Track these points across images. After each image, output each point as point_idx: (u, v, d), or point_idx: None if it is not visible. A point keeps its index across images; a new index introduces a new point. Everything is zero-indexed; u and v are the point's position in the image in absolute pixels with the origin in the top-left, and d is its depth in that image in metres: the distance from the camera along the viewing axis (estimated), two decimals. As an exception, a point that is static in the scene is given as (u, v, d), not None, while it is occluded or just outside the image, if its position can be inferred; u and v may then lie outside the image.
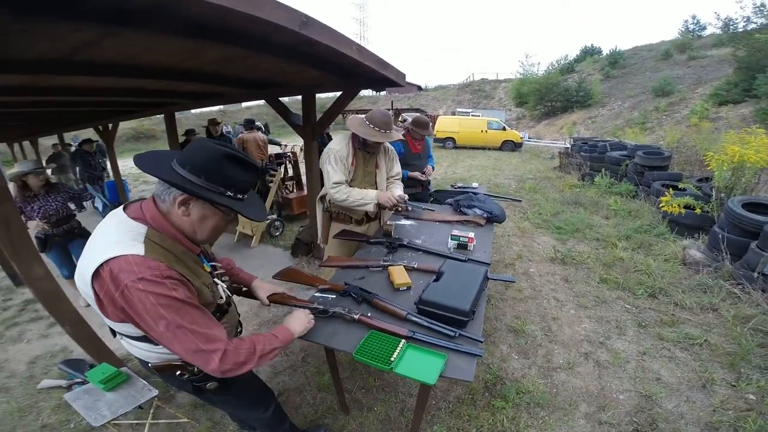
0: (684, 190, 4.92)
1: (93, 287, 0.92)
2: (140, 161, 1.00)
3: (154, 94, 3.81)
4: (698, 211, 4.46)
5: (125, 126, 23.44)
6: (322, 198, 2.57)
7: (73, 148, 9.31)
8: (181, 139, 6.00)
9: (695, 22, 24.12)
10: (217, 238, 1.17)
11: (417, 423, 1.81)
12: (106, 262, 0.89)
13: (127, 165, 14.29)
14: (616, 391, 2.26)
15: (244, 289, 1.55)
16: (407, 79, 3.15)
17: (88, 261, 0.94)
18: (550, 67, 25.74)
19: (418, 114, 3.49)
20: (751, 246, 3.24)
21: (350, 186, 2.33)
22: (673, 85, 16.86)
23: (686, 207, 4.52)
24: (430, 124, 3.42)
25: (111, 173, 7.28)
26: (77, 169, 6.47)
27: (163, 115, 5.97)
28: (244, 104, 32.14)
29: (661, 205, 4.78)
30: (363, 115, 2.29)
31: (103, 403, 1.72)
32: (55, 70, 2.11)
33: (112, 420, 1.65)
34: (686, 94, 15.83)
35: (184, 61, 2.57)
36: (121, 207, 1.04)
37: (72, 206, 7.05)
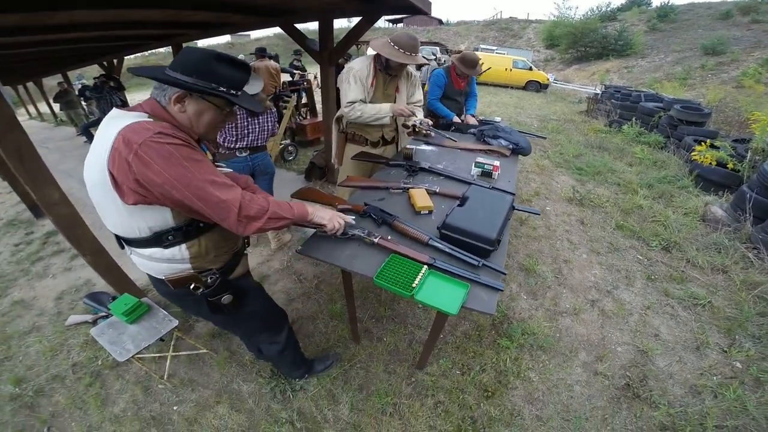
0: (718, 147, 4.66)
1: (108, 168, 0.92)
2: (138, 70, 1.04)
3: (161, 25, 3.58)
4: (731, 166, 4.26)
5: (131, 62, 22.74)
6: (338, 119, 2.49)
7: (78, 86, 9.17)
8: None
9: None
10: (216, 133, 1.17)
11: (426, 355, 1.89)
12: (116, 136, 0.90)
13: (135, 98, 14.13)
14: (615, 342, 2.31)
15: None
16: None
17: (98, 147, 0.94)
18: (590, 13, 23.89)
19: (467, 50, 3.15)
20: (777, 210, 3.10)
21: None
22: (727, 45, 15.53)
23: (718, 162, 4.33)
24: (480, 64, 3.10)
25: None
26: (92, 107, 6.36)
27: (168, 49, 5.73)
28: (253, 35, 30.54)
29: (693, 154, 4.60)
30: (387, 37, 2.14)
31: (126, 336, 1.76)
32: (52, 6, 1.97)
33: (136, 354, 1.71)
34: (740, 55, 14.58)
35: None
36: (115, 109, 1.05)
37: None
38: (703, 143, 4.65)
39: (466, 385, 1.96)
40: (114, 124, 0.95)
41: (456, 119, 3.25)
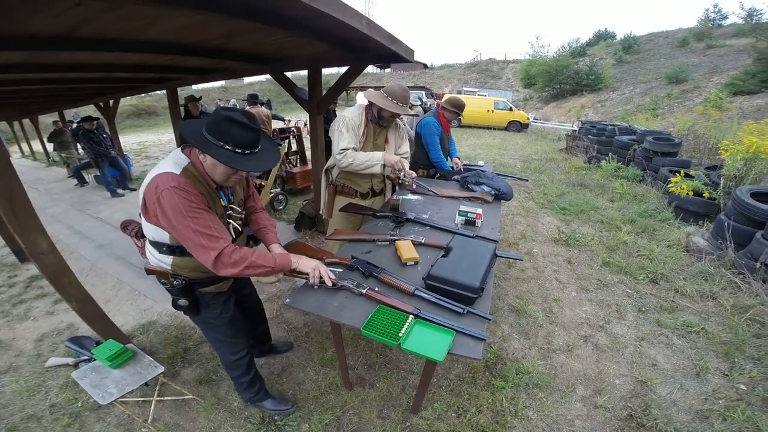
0: (692, 176, 4.87)
1: (144, 195, 1.27)
2: (184, 127, 1.32)
3: (157, 69, 3.73)
4: (706, 195, 4.42)
5: (126, 102, 23.21)
6: (328, 171, 2.55)
7: (74, 125, 9.25)
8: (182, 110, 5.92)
9: (716, 11, 24.20)
10: (232, 183, 1.42)
11: (419, 399, 1.85)
12: (154, 177, 1.25)
13: (128, 140, 14.30)
14: (612, 375, 2.29)
15: None
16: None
17: (148, 177, 1.28)
18: (561, 50, 25.50)
19: (454, 94, 3.31)
20: (756, 236, 3.21)
21: None
22: (688, 73, 16.64)
23: (694, 192, 4.50)
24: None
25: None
26: (80, 146, 6.33)
27: (164, 91, 5.90)
28: (247, 80, 31.59)
29: (669, 186, 4.76)
30: (381, 89, 2.27)
31: (110, 380, 1.73)
32: (56, 47, 2.07)
33: (119, 398, 1.66)
34: (701, 82, 15.62)
35: (188, 36, 2.50)
36: (181, 147, 1.39)
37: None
38: (677, 174, 4.84)
39: (462, 427, 1.90)
40: (165, 162, 1.31)
41: (456, 165, 3.37)
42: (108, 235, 4.50)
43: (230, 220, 1.48)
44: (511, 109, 15.45)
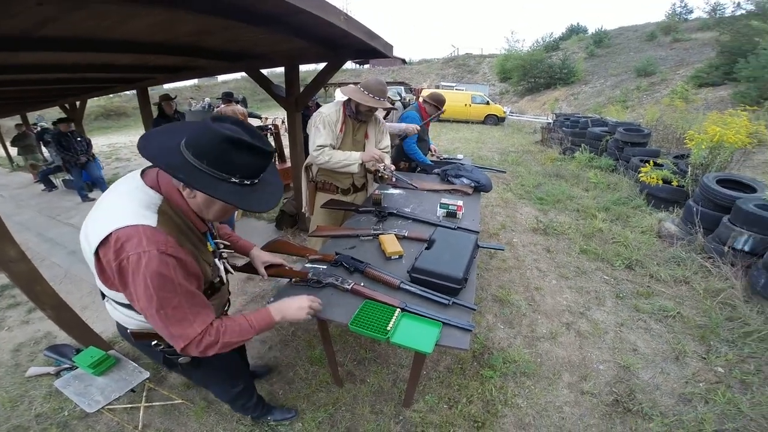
0: (661, 165, 5.08)
1: (97, 250, 0.93)
2: (145, 146, 0.92)
3: (126, 69, 3.59)
4: (675, 183, 4.62)
5: (94, 104, 22.27)
6: (308, 168, 2.53)
7: (38, 129, 8.78)
8: (155, 108, 5.67)
9: (683, 5, 25.31)
10: (227, 217, 1.18)
11: (411, 393, 1.87)
12: (116, 231, 0.89)
13: (98, 143, 13.69)
14: (596, 361, 2.37)
15: (238, 265, 1.54)
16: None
17: (100, 222, 0.93)
18: (535, 44, 26.13)
19: (429, 89, 3.39)
20: (723, 220, 3.37)
21: None
22: (656, 66, 17.22)
23: (663, 180, 4.69)
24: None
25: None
26: (52, 151, 5.96)
27: (134, 92, 5.68)
28: (221, 78, 30.77)
29: (640, 175, 4.95)
30: (358, 84, 2.26)
31: (95, 388, 1.68)
32: (16, 47, 1.97)
33: (106, 405, 1.62)
34: (668, 75, 16.21)
35: (159, 34, 2.41)
36: (139, 171, 1.04)
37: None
38: (647, 163, 5.04)
39: (455, 418, 1.94)
40: (126, 202, 0.95)
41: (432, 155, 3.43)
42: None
43: (219, 261, 1.26)
44: (488, 103, 15.72)
